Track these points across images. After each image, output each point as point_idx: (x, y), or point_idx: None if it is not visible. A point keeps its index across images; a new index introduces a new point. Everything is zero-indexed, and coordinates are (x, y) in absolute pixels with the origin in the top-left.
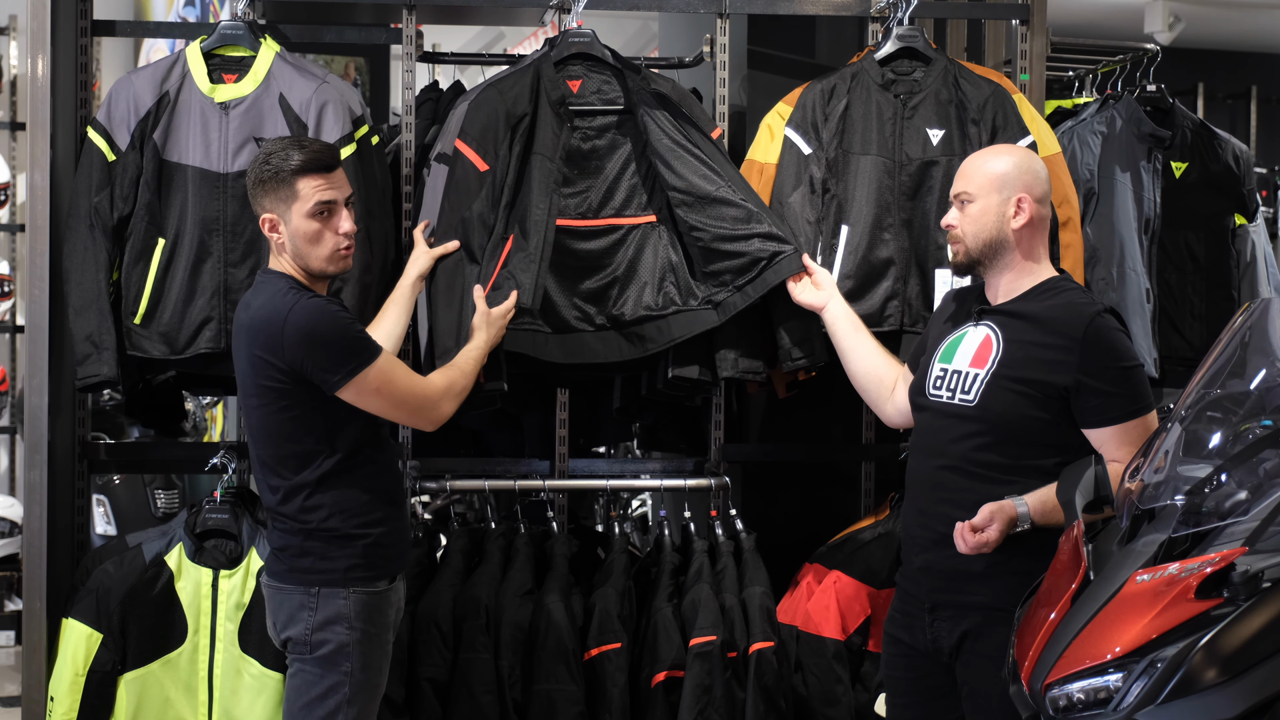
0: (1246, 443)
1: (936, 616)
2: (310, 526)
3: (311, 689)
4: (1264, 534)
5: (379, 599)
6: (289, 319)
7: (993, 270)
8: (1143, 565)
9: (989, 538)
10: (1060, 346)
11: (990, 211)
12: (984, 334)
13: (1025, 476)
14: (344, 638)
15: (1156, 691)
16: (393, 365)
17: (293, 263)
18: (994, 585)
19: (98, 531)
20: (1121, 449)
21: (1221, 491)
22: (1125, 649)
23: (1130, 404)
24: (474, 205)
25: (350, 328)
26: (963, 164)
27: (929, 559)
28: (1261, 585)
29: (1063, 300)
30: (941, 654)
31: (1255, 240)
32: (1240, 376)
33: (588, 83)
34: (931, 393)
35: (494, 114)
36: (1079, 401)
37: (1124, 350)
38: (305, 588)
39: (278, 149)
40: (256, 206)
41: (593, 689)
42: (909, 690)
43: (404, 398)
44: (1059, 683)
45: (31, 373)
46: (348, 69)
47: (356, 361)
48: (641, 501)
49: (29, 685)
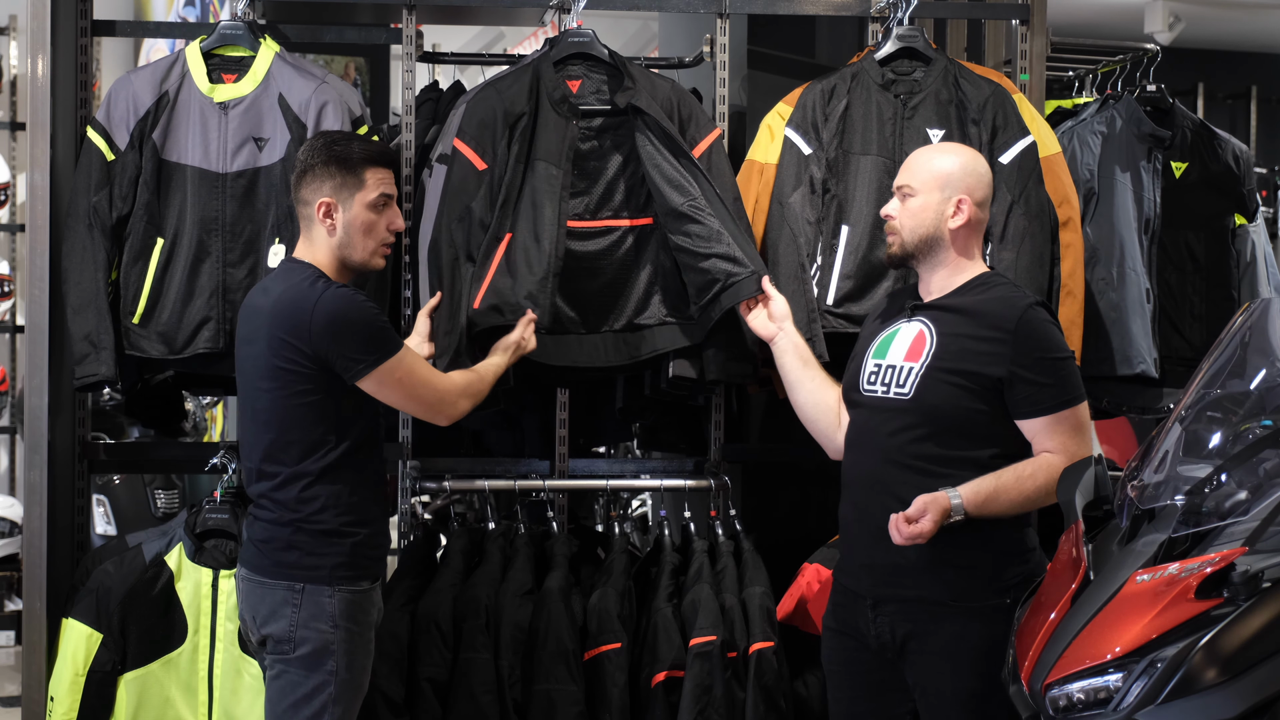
0: (1246, 443)
1: (880, 612)
2: (300, 517)
3: (296, 689)
4: (1264, 534)
5: (363, 598)
6: (319, 304)
7: (925, 266)
8: (1143, 565)
9: (923, 529)
10: (993, 339)
11: (930, 208)
12: (918, 329)
13: (962, 469)
14: (329, 637)
15: (1156, 691)
16: (415, 359)
17: (335, 252)
18: (935, 578)
19: (98, 531)
20: (1053, 439)
21: (1221, 491)
22: (1125, 649)
23: (1062, 394)
24: (473, 205)
25: (378, 318)
26: (909, 156)
27: (870, 554)
28: (1261, 585)
29: (994, 294)
30: (887, 650)
31: (1255, 240)
32: (1240, 376)
33: (587, 83)
34: (866, 388)
35: (492, 112)
36: (1012, 392)
37: (1055, 341)
38: (289, 583)
39: (340, 138)
40: (309, 191)
41: (593, 689)
42: (855, 684)
43: (424, 391)
44: (1059, 683)
45: (31, 373)
46: (348, 69)
47: (382, 351)
48: (641, 501)
49: (29, 685)
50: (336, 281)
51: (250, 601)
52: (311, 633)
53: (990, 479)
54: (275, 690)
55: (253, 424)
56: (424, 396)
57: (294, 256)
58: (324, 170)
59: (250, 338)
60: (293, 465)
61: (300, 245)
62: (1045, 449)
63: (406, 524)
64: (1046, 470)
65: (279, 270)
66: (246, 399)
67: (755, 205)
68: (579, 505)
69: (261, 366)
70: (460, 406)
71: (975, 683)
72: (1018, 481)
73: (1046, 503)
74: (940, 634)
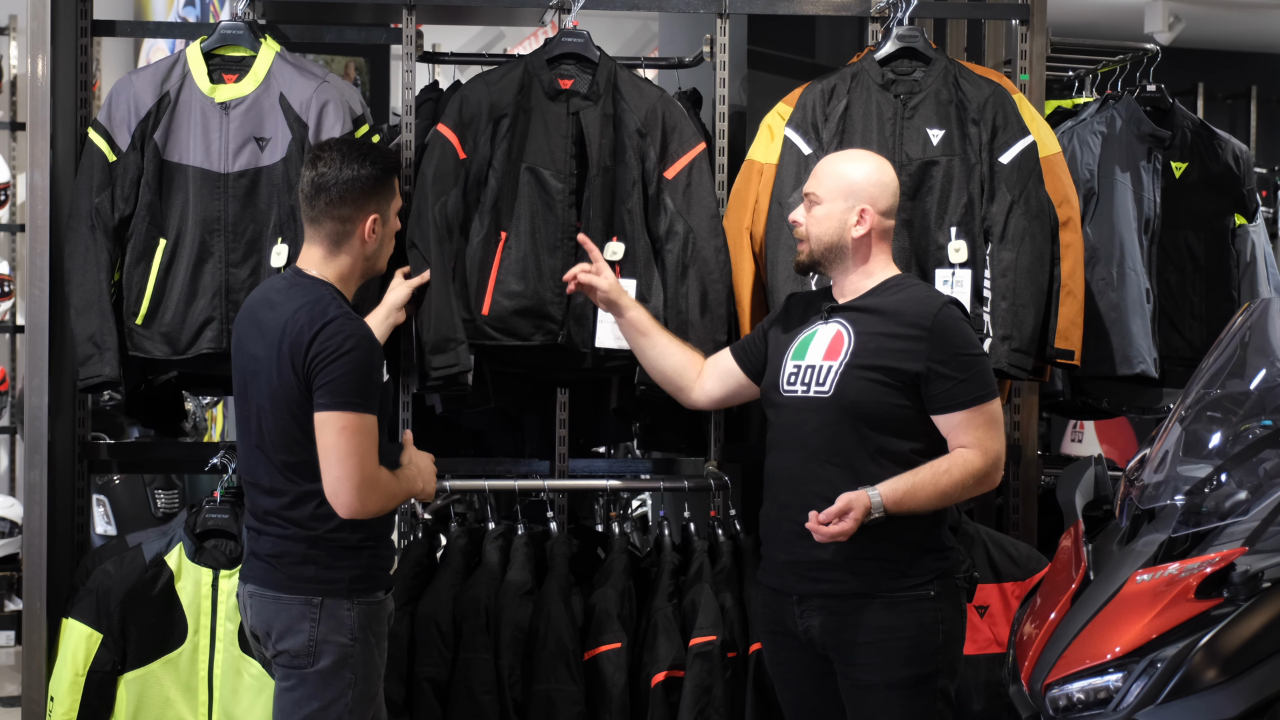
0: (1246, 443)
1: (806, 607)
2: (317, 534)
3: (312, 701)
4: (1264, 534)
5: (378, 609)
6: (332, 326)
7: (835, 271)
8: (1143, 565)
9: (845, 527)
10: (911, 336)
11: (834, 217)
12: (835, 329)
13: (883, 463)
14: (348, 649)
15: (1156, 691)
16: (372, 439)
17: (362, 263)
18: (857, 572)
19: (98, 531)
20: (969, 434)
21: (1221, 491)
22: (1125, 649)
23: (976, 390)
24: (452, 192)
25: (378, 372)
26: (818, 163)
27: (793, 552)
28: (1261, 585)
29: (909, 294)
30: (816, 645)
31: (1255, 240)
32: (1240, 376)
33: (578, 82)
34: (785, 388)
35: (478, 104)
36: (928, 388)
37: (970, 339)
38: (307, 597)
39: (368, 149)
40: (352, 207)
41: (593, 689)
42: (800, 682)
43: (353, 465)
44: (1059, 683)
45: (31, 373)
46: (348, 69)
47: (358, 402)
48: (641, 501)
49: (29, 685)
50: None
51: (264, 616)
52: (331, 645)
53: (907, 477)
54: (289, 702)
55: (257, 441)
56: (350, 470)
57: (304, 270)
58: (372, 185)
59: (253, 352)
60: (302, 484)
61: (316, 256)
62: (960, 444)
63: (406, 524)
64: (962, 466)
65: (286, 284)
66: (249, 414)
67: (755, 205)
68: (579, 505)
69: (272, 385)
70: (370, 506)
71: (905, 671)
72: (934, 478)
73: (963, 498)
74: (866, 625)
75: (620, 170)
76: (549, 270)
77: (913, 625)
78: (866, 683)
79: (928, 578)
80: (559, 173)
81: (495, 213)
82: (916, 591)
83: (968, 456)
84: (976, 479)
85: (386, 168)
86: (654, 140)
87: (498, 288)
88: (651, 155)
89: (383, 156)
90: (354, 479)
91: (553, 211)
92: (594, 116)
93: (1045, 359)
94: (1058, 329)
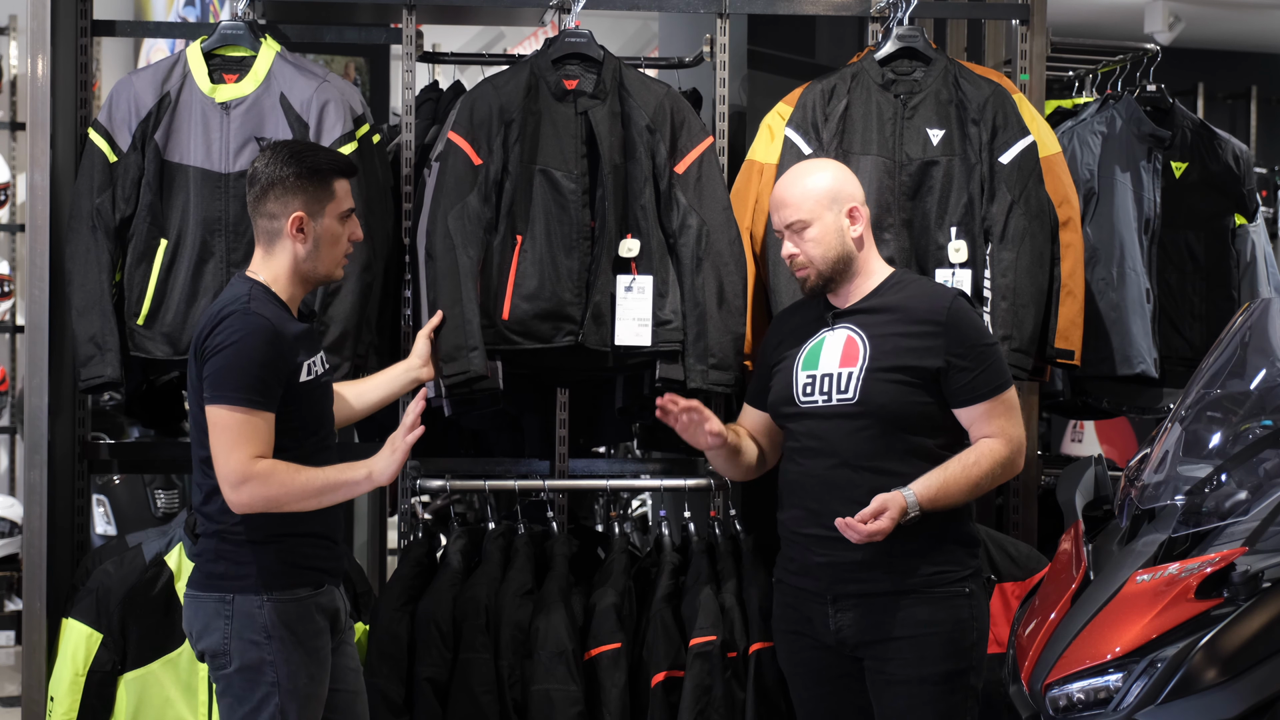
0: (1246, 443)
1: (840, 608)
2: (223, 528)
3: (243, 704)
4: (1264, 534)
5: (300, 607)
6: (226, 321)
7: (843, 281)
8: (1143, 565)
9: (881, 526)
10: (926, 332)
11: (829, 229)
12: (845, 335)
13: (915, 462)
14: (263, 648)
15: (1156, 691)
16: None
17: (300, 265)
18: (896, 568)
19: (98, 531)
20: (992, 424)
21: (1221, 491)
22: (1125, 649)
23: (995, 379)
24: (469, 199)
25: (270, 368)
26: (780, 195)
27: (830, 555)
28: (1261, 585)
29: (914, 290)
30: (846, 645)
31: (1255, 240)
32: (1240, 376)
33: (584, 82)
34: (803, 399)
35: (487, 109)
36: (949, 382)
37: (983, 329)
38: (220, 594)
39: (303, 149)
40: (279, 205)
41: (593, 689)
42: (818, 681)
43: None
44: (1059, 683)
45: (31, 373)
46: (348, 69)
47: (236, 395)
48: (641, 501)
49: (29, 685)
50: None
51: (188, 616)
52: (244, 644)
53: (938, 473)
54: (225, 706)
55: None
56: (221, 463)
57: (245, 273)
58: (296, 183)
59: None
60: (213, 479)
61: (257, 259)
62: (984, 434)
63: (406, 524)
64: (990, 456)
65: (230, 284)
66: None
67: (756, 205)
68: (579, 505)
69: (192, 382)
70: (246, 500)
71: (941, 667)
72: (964, 471)
73: (992, 487)
74: (904, 621)
75: (632, 167)
76: (566, 271)
77: (950, 621)
78: (901, 678)
79: (964, 574)
80: (571, 173)
81: (510, 217)
82: (953, 588)
83: (994, 446)
84: (1004, 467)
85: (315, 168)
86: (663, 136)
87: (516, 291)
88: (662, 150)
89: (314, 158)
90: (223, 471)
91: (567, 212)
92: (603, 115)
93: (1045, 359)
94: (1058, 329)
